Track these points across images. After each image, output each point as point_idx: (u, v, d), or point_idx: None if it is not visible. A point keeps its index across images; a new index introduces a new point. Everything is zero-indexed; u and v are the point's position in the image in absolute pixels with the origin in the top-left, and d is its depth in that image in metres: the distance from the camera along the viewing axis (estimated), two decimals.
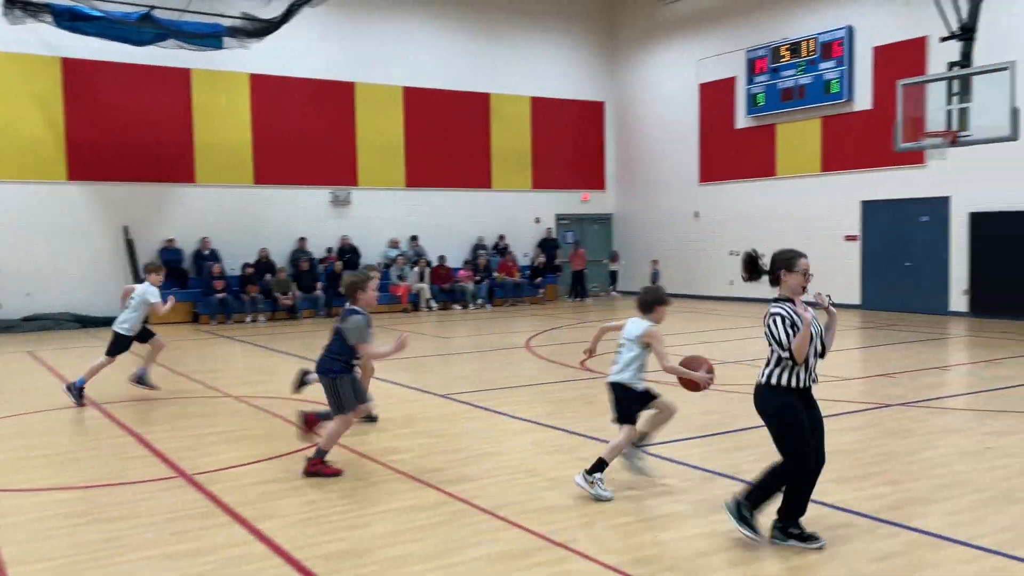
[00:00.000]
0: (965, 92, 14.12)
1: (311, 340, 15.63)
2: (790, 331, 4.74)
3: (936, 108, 14.66)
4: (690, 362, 5.92)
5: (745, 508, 4.83)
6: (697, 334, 15.32)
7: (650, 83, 24.50)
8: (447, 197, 23.04)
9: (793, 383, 4.81)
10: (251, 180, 20.59)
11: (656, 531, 5.13)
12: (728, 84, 22.06)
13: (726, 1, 22.14)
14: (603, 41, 25.47)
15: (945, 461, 6.53)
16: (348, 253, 21.13)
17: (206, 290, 18.94)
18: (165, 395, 10.07)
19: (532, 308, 21.79)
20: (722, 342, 14.25)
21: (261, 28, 16.37)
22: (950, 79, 14.29)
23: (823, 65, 19.63)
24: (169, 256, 19.31)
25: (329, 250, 21.21)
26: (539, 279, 23.20)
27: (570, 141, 24.95)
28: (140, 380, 9.99)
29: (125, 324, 9.82)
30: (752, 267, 5.01)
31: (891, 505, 5.47)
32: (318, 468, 6.38)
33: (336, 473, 6.38)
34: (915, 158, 17.28)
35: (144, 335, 10.07)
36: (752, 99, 21.34)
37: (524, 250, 24.00)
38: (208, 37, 16.27)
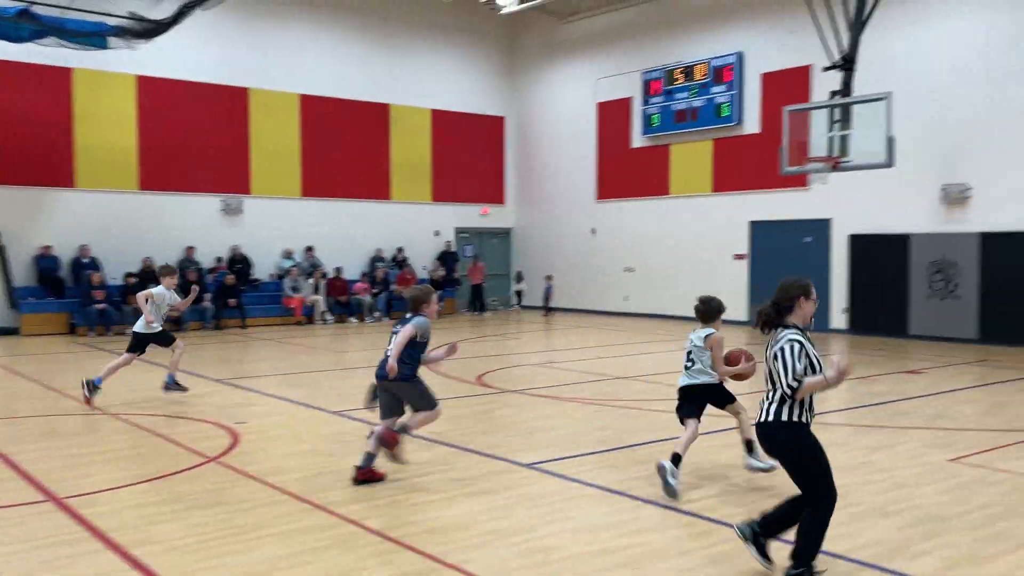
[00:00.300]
0: (846, 120, 14.86)
1: (198, 353, 15.07)
2: (801, 362, 4.54)
3: (819, 134, 15.38)
4: (736, 357, 6.55)
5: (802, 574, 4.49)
6: (594, 348, 15.52)
7: (550, 100, 24.82)
8: (345, 208, 22.70)
9: (804, 418, 4.60)
10: (136, 186, 19.77)
11: (549, 551, 5.12)
12: (625, 104, 22.56)
13: (622, 23, 22.67)
14: (504, 57, 25.67)
15: None
16: (239, 263, 20.53)
17: (85, 300, 18.00)
18: (36, 412, 9.51)
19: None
20: (616, 357, 14.48)
21: (150, 29, 15.75)
22: (832, 107, 15.01)
23: (715, 89, 20.31)
24: (45, 264, 18.33)
25: (219, 260, 20.55)
26: (438, 292, 23.06)
27: (470, 155, 25.00)
28: (170, 386, 10.13)
29: (154, 324, 9.99)
30: (774, 317, 4.74)
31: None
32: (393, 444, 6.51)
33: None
34: (800, 181, 18.04)
35: (165, 338, 10.19)
36: (648, 119, 21.87)
37: (423, 263, 23.85)
38: (92, 36, 15.55)
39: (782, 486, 6.39)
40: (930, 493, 6.26)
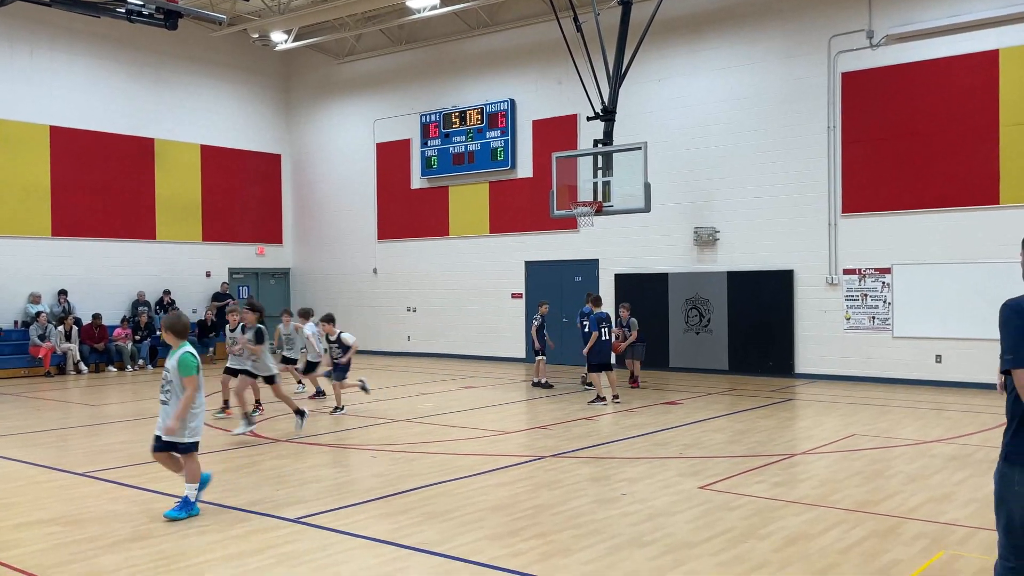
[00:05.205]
0: (608, 167, 15.76)
1: None
2: None
3: (586, 180, 16.21)
4: None
5: None
6: (373, 391, 15.29)
7: (327, 139, 24.51)
8: (103, 248, 21.06)
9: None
10: None
11: None
12: (404, 145, 22.72)
13: (398, 66, 22.90)
14: (279, 95, 25.09)
15: (587, 510, 7.04)
16: None
17: None
18: None
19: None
20: (395, 399, 14.38)
21: None
22: (595, 155, 15.89)
23: (490, 134, 20.95)
24: None
25: None
26: (211, 335, 21.92)
27: (245, 193, 24.11)
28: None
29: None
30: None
31: (536, 559, 5.76)
32: None
33: None
34: (570, 223, 18.88)
35: None
36: (426, 161, 22.15)
37: (193, 306, 22.57)
38: None
39: (563, 524, 6.56)
40: (681, 521, 6.67)
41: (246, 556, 5.90)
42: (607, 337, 13.74)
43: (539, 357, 15.66)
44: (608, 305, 19.08)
